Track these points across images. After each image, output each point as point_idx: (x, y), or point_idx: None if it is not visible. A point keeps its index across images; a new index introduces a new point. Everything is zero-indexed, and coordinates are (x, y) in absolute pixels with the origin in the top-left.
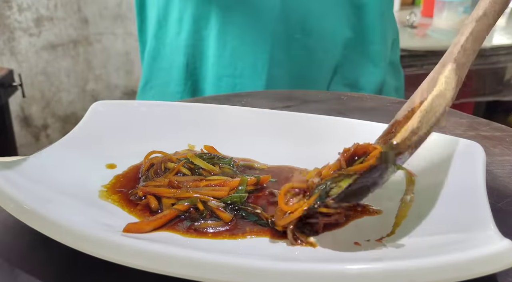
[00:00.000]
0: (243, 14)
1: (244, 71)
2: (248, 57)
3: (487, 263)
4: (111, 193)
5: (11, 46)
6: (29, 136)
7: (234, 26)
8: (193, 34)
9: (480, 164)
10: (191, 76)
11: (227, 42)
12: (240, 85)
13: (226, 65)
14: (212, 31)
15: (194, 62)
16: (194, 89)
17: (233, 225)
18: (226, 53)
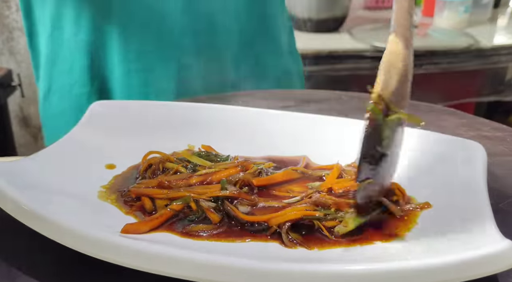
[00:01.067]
0: (145, 6)
1: (154, 64)
2: (155, 50)
3: (488, 263)
4: (110, 193)
5: (10, 46)
6: (28, 136)
7: (137, 19)
8: (93, 31)
9: (481, 164)
10: (97, 76)
11: (132, 36)
12: (151, 79)
13: (134, 60)
14: (114, 26)
15: (98, 60)
16: (101, 88)
17: (225, 227)
18: (132, 48)
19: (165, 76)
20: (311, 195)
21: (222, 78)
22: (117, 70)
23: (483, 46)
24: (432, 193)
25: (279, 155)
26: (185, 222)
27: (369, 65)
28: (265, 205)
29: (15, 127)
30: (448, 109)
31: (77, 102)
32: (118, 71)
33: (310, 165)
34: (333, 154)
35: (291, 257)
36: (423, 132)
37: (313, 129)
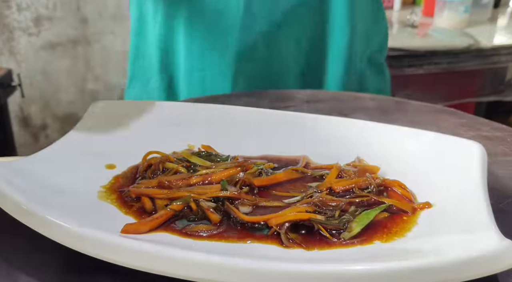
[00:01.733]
0: (209, 5)
1: (212, 64)
2: (215, 50)
3: (488, 263)
4: (110, 193)
5: (10, 46)
6: (28, 136)
7: (201, 18)
8: (165, 27)
9: (481, 164)
10: (166, 71)
11: (195, 35)
12: (209, 79)
13: (196, 58)
14: (181, 24)
15: (167, 56)
16: (169, 85)
17: (224, 228)
18: (195, 47)
19: (223, 76)
20: (311, 194)
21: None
22: (182, 67)
23: (483, 46)
24: (432, 193)
25: (279, 154)
26: (185, 222)
27: None
28: (266, 205)
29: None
30: (448, 109)
31: (149, 96)
32: (182, 68)
33: (310, 164)
34: (333, 153)
35: (291, 257)
36: (423, 132)
37: (314, 130)
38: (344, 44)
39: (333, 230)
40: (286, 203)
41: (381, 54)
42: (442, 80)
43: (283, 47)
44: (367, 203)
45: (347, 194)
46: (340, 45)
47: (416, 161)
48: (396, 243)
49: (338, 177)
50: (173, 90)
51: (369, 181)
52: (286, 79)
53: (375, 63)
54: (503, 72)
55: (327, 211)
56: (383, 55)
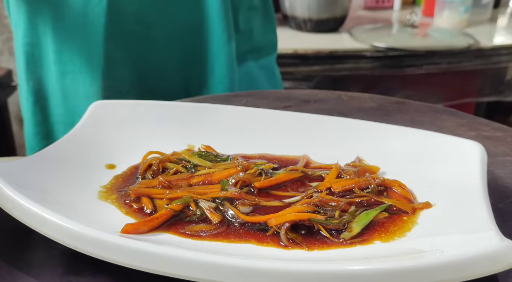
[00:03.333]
0: (71, 10)
1: (82, 67)
2: (84, 52)
3: (488, 263)
4: (110, 193)
5: (10, 46)
6: None
7: (65, 23)
8: (29, 31)
9: (481, 164)
10: (32, 76)
11: (63, 38)
12: (81, 81)
13: (66, 62)
14: (47, 28)
15: (34, 61)
16: (37, 89)
17: (224, 228)
18: (64, 50)
19: (92, 79)
20: (311, 194)
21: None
22: (53, 70)
23: (483, 46)
24: (432, 193)
25: (279, 154)
26: (185, 222)
27: (369, 65)
28: (265, 205)
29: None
30: (448, 109)
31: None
32: (54, 71)
33: (310, 164)
34: (333, 153)
35: (291, 257)
36: (423, 132)
37: (314, 130)
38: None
39: (333, 230)
40: (286, 203)
41: (269, 55)
42: (442, 80)
43: (156, 46)
44: (367, 203)
45: (347, 194)
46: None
47: (416, 161)
48: (396, 243)
49: (338, 177)
50: (43, 93)
51: (369, 181)
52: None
53: (264, 65)
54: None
55: (327, 211)
56: (272, 57)
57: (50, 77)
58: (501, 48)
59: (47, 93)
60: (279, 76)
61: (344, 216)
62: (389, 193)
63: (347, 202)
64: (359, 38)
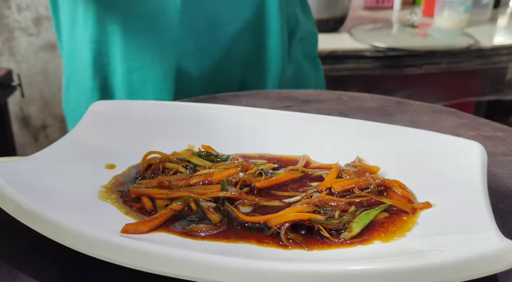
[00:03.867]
0: (145, 5)
1: (154, 63)
2: (155, 49)
3: (488, 263)
4: (110, 193)
5: (10, 46)
6: (28, 136)
7: (137, 19)
8: (97, 29)
9: (481, 164)
10: (99, 73)
11: (133, 35)
12: (150, 78)
13: (134, 59)
14: (116, 26)
15: (101, 58)
16: (104, 86)
17: (225, 228)
18: (133, 47)
19: (163, 75)
20: (311, 194)
21: (221, 78)
22: (119, 68)
23: (483, 46)
24: (432, 193)
25: (279, 154)
26: (185, 222)
27: (369, 65)
28: (266, 205)
29: (15, 128)
30: (448, 109)
31: (85, 96)
32: (120, 69)
33: (310, 164)
34: (333, 153)
35: (291, 257)
36: (423, 132)
37: (313, 129)
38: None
39: (333, 230)
40: (286, 203)
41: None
42: (442, 80)
43: (225, 44)
44: (367, 203)
45: (347, 194)
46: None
47: (416, 161)
48: (396, 243)
49: (338, 177)
50: (110, 91)
51: (369, 181)
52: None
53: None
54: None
55: (327, 211)
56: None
57: (116, 75)
58: (501, 48)
59: (113, 90)
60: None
61: (344, 216)
62: (389, 193)
63: (347, 202)
64: (359, 38)
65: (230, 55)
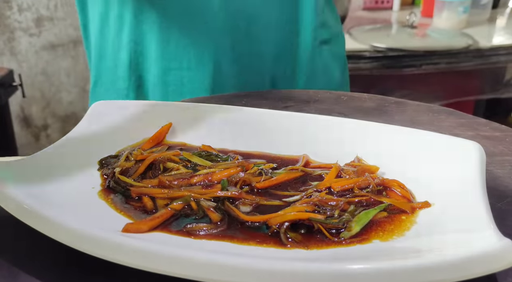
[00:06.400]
0: (185, 5)
1: (191, 63)
2: (193, 49)
3: (487, 262)
4: (110, 193)
5: (11, 46)
6: (29, 136)
7: (175, 19)
8: (134, 29)
9: (480, 164)
10: (134, 72)
11: (170, 35)
12: (187, 78)
13: (172, 58)
14: (153, 25)
15: (136, 58)
16: (138, 85)
17: (225, 227)
18: (170, 47)
19: (201, 75)
20: (311, 194)
21: (258, 77)
22: (154, 68)
23: (482, 46)
24: (430, 193)
25: (279, 154)
26: (186, 221)
27: (368, 65)
28: (265, 204)
29: (16, 128)
30: (447, 109)
31: (117, 96)
32: (156, 69)
33: (310, 163)
34: (333, 153)
35: (291, 257)
36: (421, 132)
37: (314, 130)
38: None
39: (332, 229)
40: (286, 202)
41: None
42: (441, 80)
43: (260, 42)
44: (366, 203)
45: (347, 194)
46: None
47: (415, 160)
48: (395, 242)
49: (338, 177)
50: (144, 91)
51: (368, 180)
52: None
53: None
54: (501, 72)
55: (327, 210)
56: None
57: (151, 74)
58: (500, 48)
59: (147, 90)
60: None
61: (343, 216)
62: (388, 193)
63: (346, 201)
64: (358, 39)
65: (265, 53)
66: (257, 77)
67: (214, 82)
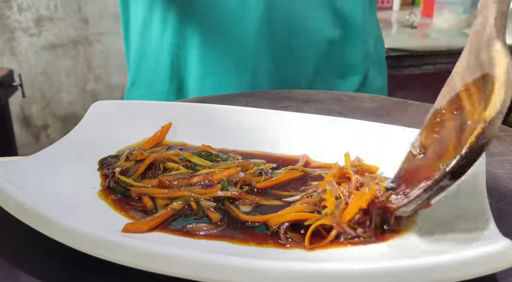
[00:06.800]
0: (227, 12)
1: (229, 69)
2: (232, 55)
3: (487, 262)
4: (110, 193)
5: (11, 46)
6: (29, 136)
7: (218, 25)
8: (177, 33)
9: (480, 163)
10: (176, 76)
11: (211, 41)
12: (225, 83)
13: (211, 63)
14: (196, 30)
15: (178, 61)
16: (179, 88)
17: (225, 227)
18: (210, 52)
19: (238, 81)
20: (311, 194)
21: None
22: (194, 72)
23: None
24: None
25: (279, 154)
26: (186, 221)
27: None
28: (266, 204)
29: (16, 128)
30: None
31: (156, 99)
32: (195, 73)
33: (310, 163)
34: (332, 153)
35: (290, 257)
36: None
37: (313, 129)
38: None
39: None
40: (286, 202)
41: (381, 49)
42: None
43: (299, 51)
44: None
45: None
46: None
47: None
48: (395, 242)
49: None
50: (184, 94)
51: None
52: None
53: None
54: None
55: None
56: (383, 50)
57: (191, 78)
58: None
59: (187, 93)
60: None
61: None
62: None
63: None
64: None
65: (302, 64)
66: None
67: (251, 89)
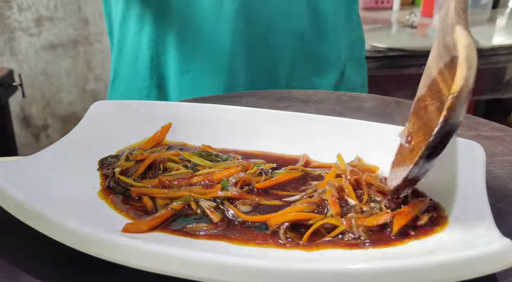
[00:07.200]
0: (201, 13)
1: (206, 67)
2: (209, 54)
3: (487, 262)
4: (110, 193)
5: (11, 46)
6: (29, 136)
7: (193, 24)
8: (155, 30)
9: (480, 163)
10: (156, 71)
11: (187, 36)
12: (202, 80)
13: (188, 61)
14: (172, 29)
15: (158, 56)
16: (159, 83)
17: (225, 227)
18: (187, 50)
19: (216, 79)
20: (311, 194)
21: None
22: (172, 68)
23: (482, 46)
24: (431, 193)
25: (279, 154)
26: (186, 221)
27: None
28: (266, 204)
29: (16, 128)
30: None
31: (137, 95)
32: (174, 69)
33: (310, 163)
34: (332, 153)
35: (290, 256)
36: None
37: (313, 129)
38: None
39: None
40: (286, 202)
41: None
42: None
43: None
44: None
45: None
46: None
47: None
48: (395, 242)
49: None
50: (164, 89)
51: None
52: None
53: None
54: (501, 72)
55: (327, 210)
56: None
57: (171, 74)
58: (500, 48)
59: (168, 90)
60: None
61: None
62: None
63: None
64: None
65: (279, 60)
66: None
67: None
